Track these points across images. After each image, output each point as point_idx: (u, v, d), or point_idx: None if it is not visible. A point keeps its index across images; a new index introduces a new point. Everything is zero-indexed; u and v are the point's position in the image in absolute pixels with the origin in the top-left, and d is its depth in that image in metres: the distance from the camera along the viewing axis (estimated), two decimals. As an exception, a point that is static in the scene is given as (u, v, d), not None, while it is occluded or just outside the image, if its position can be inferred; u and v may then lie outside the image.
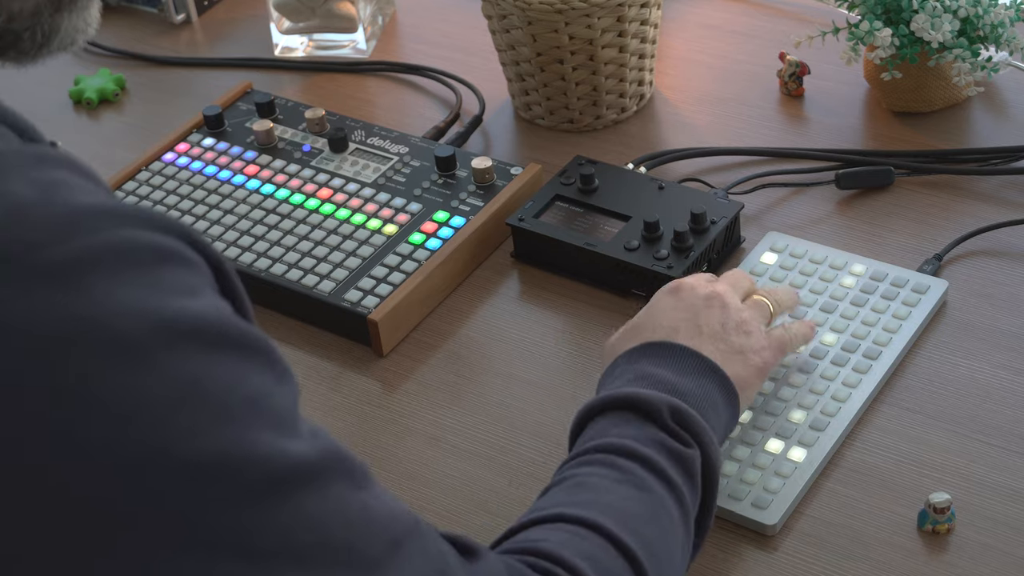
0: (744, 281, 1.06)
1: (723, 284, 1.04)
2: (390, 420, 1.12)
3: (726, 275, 1.07)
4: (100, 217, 0.64)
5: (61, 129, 1.49)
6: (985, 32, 1.28)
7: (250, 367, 0.66)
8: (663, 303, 1.02)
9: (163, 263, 0.65)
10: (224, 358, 0.65)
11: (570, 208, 1.24)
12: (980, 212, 1.23)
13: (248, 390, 0.65)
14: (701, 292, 1.01)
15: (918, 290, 1.15)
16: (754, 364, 0.99)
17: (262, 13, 1.64)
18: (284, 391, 0.68)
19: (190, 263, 0.67)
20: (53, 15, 0.73)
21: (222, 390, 0.64)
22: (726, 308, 1.00)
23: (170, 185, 1.34)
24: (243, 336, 0.67)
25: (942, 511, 0.97)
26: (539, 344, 1.17)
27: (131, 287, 0.63)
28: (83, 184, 0.66)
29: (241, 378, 0.65)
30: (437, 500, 1.05)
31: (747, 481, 1.01)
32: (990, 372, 1.09)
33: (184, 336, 0.64)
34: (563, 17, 1.31)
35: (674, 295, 1.02)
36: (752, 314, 1.02)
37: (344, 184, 1.31)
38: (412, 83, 1.51)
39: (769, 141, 1.36)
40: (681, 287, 1.02)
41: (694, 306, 1.00)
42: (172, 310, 0.64)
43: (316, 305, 1.20)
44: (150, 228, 0.66)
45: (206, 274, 0.68)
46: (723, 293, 1.01)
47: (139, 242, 0.64)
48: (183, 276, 0.66)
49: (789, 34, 1.40)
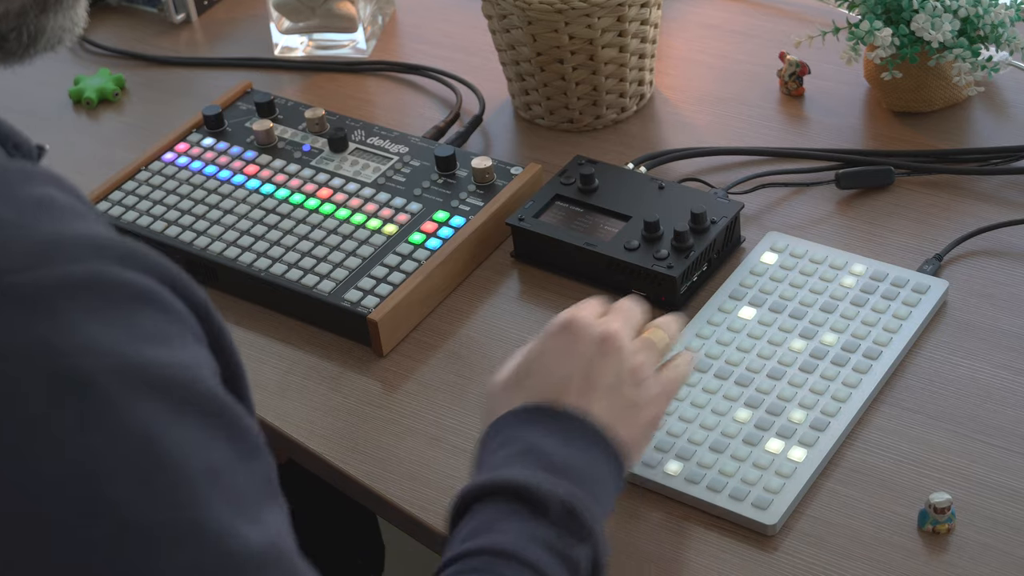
0: (636, 313, 0.98)
1: (617, 320, 0.96)
2: (390, 420, 1.12)
3: (620, 306, 0.99)
4: (81, 247, 0.61)
5: (61, 129, 1.49)
6: (985, 32, 1.28)
7: (215, 436, 0.62)
8: (554, 345, 0.94)
9: (140, 305, 0.61)
10: (189, 420, 0.61)
11: (570, 208, 1.24)
12: (980, 212, 1.23)
13: (210, 460, 0.61)
14: (595, 334, 0.93)
15: (918, 290, 1.14)
16: (645, 419, 0.93)
17: (262, 13, 1.64)
18: (250, 468, 0.64)
19: (170, 309, 0.63)
20: (39, 16, 0.71)
21: (181, 454, 0.60)
22: (619, 354, 0.93)
23: (170, 185, 1.34)
24: (213, 401, 0.63)
25: (942, 511, 0.97)
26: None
27: (101, 325, 0.60)
28: (69, 204, 0.63)
29: (204, 446, 0.61)
30: (438, 501, 1.05)
31: (747, 481, 1.01)
32: (990, 372, 1.09)
33: (149, 388, 0.60)
34: (563, 17, 1.31)
35: (566, 335, 0.94)
36: (646, 356, 0.95)
37: (344, 184, 1.31)
38: (412, 83, 1.51)
39: (769, 141, 1.35)
40: (573, 325, 0.94)
41: (586, 355, 0.92)
42: (141, 358, 0.60)
43: (316, 305, 1.20)
44: (132, 266, 0.62)
45: (188, 324, 0.64)
46: (617, 335, 0.94)
47: (118, 279, 0.61)
48: (159, 322, 0.62)
49: (789, 34, 1.40)
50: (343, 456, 1.10)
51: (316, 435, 1.12)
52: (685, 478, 1.02)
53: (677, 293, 1.17)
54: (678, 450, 1.04)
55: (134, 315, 0.61)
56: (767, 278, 1.18)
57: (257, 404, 1.13)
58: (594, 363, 0.92)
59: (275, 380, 1.17)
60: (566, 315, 0.95)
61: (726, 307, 1.15)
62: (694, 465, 1.03)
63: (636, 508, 1.02)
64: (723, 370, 1.10)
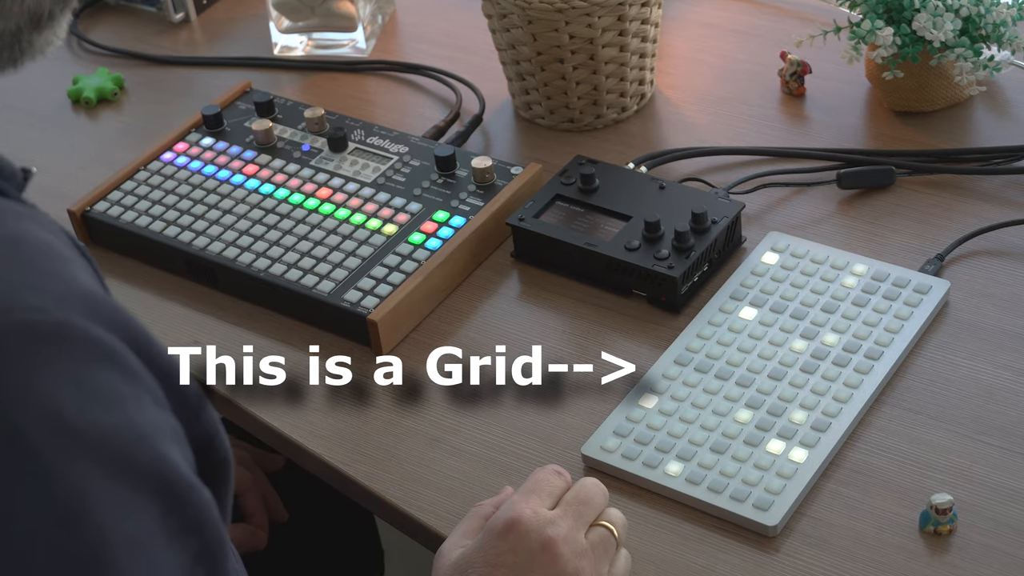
0: (594, 504, 0.92)
1: (566, 520, 0.90)
2: (390, 421, 1.12)
3: (577, 495, 0.92)
4: (43, 295, 0.60)
5: (59, 129, 1.49)
6: (987, 31, 1.28)
7: (147, 506, 0.60)
8: (493, 548, 0.88)
9: (99, 363, 0.60)
10: (121, 488, 0.59)
11: (570, 208, 1.24)
12: (982, 212, 1.23)
13: (134, 531, 0.59)
14: (535, 542, 0.88)
15: (920, 290, 1.14)
16: None
17: (261, 12, 1.64)
18: (183, 544, 0.62)
19: (129, 370, 0.61)
20: (32, 32, 0.71)
21: (104, 521, 0.58)
22: (556, 564, 0.87)
23: (169, 185, 1.33)
24: (156, 470, 0.61)
25: (944, 512, 0.96)
26: (539, 344, 1.16)
27: (50, 380, 0.58)
28: (43, 246, 0.62)
29: (131, 515, 0.59)
30: (438, 502, 1.04)
31: (748, 482, 1.01)
32: (992, 373, 1.08)
33: (87, 452, 0.58)
34: (563, 16, 1.30)
35: (506, 539, 0.88)
36: (588, 563, 0.89)
37: (343, 184, 1.30)
38: (412, 82, 1.50)
39: (770, 140, 1.35)
40: (517, 528, 0.88)
41: (519, 566, 0.87)
42: (84, 420, 0.58)
43: (315, 305, 1.20)
44: (99, 321, 0.61)
45: (147, 386, 0.63)
46: (556, 543, 0.88)
47: (82, 334, 0.60)
48: (115, 382, 0.60)
49: (790, 33, 1.40)
50: (342, 457, 1.09)
51: (315, 436, 1.11)
52: (686, 479, 1.02)
53: (678, 293, 1.16)
54: (679, 451, 1.04)
55: (90, 373, 0.59)
56: (768, 278, 1.17)
57: (257, 404, 1.14)
58: (528, 574, 0.87)
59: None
60: (512, 514, 0.89)
61: (727, 307, 1.15)
62: (695, 466, 1.03)
63: (636, 509, 1.02)
64: (724, 371, 1.10)
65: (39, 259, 0.61)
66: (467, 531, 0.93)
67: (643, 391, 1.09)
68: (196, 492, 0.63)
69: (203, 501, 0.64)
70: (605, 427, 1.07)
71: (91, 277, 0.66)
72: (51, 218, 0.67)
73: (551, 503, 0.92)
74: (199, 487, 0.64)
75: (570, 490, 0.93)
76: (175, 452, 0.63)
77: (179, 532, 0.62)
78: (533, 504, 0.90)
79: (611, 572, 0.92)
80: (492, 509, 0.94)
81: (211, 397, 1.17)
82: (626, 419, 1.07)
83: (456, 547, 0.91)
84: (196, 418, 0.66)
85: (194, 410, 0.66)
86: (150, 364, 0.63)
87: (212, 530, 0.64)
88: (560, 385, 1.12)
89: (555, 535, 0.89)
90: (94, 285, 0.64)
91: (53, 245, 0.63)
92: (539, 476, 0.93)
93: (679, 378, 1.09)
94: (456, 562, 0.90)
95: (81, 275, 0.63)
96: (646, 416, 1.07)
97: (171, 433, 0.64)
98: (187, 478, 0.63)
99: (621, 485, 1.03)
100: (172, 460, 0.62)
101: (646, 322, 1.17)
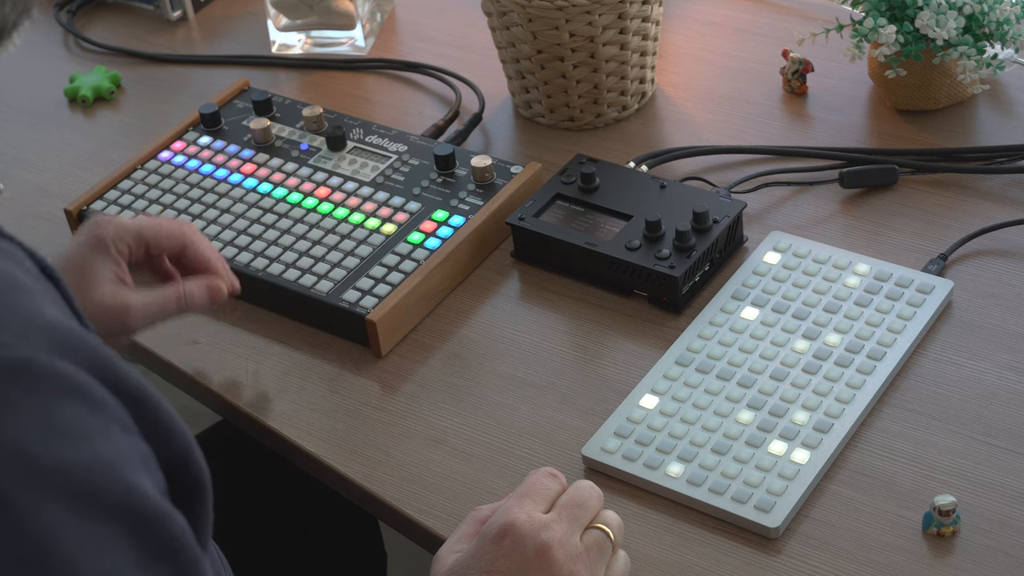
0: (588, 507, 0.91)
1: (562, 524, 0.89)
2: (390, 422, 1.11)
3: (573, 498, 0.91)
4: (5, 331, 0.59)
5: (56, 127, 1.48)
6: (990, 29, 1.27)
7: (117, 538, 0.60)
8: (488, 554, 0.87)
9: (62, 397, 0.59)
10: (90, 523, 0.59)
11: (571, 207, 1.23)
12: (985, 211, 1.23)
13: (105, 566, 0.59)
14: (530, 548, 0.87)
15: (923, 290, 1.14)
16: None
17: (259, 10, 1.63)
18: (156, 572, 0.61)
19: (94, 402, 0.61)
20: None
21: (74, 557, 0.58)
22: (551, 568, 0.86)
23: (166, 184, 1.33)
24: (125, 499, 0.60)
25: (947, 513, 0.96)
26: (539, 344, 1.16)
27: (16, 419, 0.58)
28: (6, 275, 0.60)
29: (101, 550, 0.59)
30: (438, 503, 1.04)
31: (750, 483, 1.00)
32: (996, 373, 1.08)
33: (55, 491, 0.58)
34: (564, 14, 1.30)
35: (501, 544, 0.87)
36: (584, 566, 0.88)
37: (342, 183, 1.30)
38: (411, 81, 1.50)
39: (772, 139, 1.35)
40: (512, 533, 0.87)
41: (513, 571, 0.86)
42: (51, 459, 0.58)
43: (314, 305, 1.19)
44: (63, 354, 0.60)
45: (112, 414, 0.62)
46: (551, 547, 0.87)
47: (46, 369, 0.59)
48: (81, 416, 0.60)
49: (792, 31, 1.40)
50: (341, 458, 1.09)
51: (314, 437, 1.11)
52: (687, 480, 1.02)
53: (679, 293, 1.16)
54: (680, 452, 1.03)
55: (54, 409, 0.59)
56: (770, 278, 1.17)
57: (255, 405, 1.14)
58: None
59: (272, 381, 1.16)
60: (506, 519, 0.88)
61: (728, 307, 1.14)
62: (696, 467, 1.02)
63: (637, 511, 1.01)
64: (725, 371, 1.09)
65: (0, 293, 0.60)
66: (464, 535, 0.92)
67: (644, 392, 1.08)
68: (167, 519, 0.63)
69: (176, 527, 0.63)
70: (605, 428, 1.06)
71: (56, 306, 0.65)
72: (16, 243, 0.66)
73: (546, 507, 0.91)
74: (171, 513, 0.64)
75: (564, 493, 0.92)
76: (144, 479, 0.63)
77: (152, 561, 0.62)
78: (527, 508, 0.89)
79: (608, 575, 0.91)
80: (490, 513, 0.93)
81: (209, 398, 1.17)
82: (627, 420, 1.06)
83: (452, 552, 0.91)
84: (167, 441, 0.66)
85: (164, 433, 0.66)
86: (117, 390, 0.63)
87: (187, 555, 0.64)
88: (560, 385, 1.12)
89: (550, 539, 0.88)
90: (57, 315, 0.63)
91: (15, 276, 0.62)
92: (533, 479, 0.93)
93: (680, 379, 1.09)
94: (452, 567, 0.89)
95: (45, 307, 0.63)
96: (647, 417, 1.06)
97: (140, 459, 0.63)
98: (157, 505, 0.63)
99: (622, 486, 1.03)
100: (142, 489, 0.62)
101: (647, 322, 1.16)
